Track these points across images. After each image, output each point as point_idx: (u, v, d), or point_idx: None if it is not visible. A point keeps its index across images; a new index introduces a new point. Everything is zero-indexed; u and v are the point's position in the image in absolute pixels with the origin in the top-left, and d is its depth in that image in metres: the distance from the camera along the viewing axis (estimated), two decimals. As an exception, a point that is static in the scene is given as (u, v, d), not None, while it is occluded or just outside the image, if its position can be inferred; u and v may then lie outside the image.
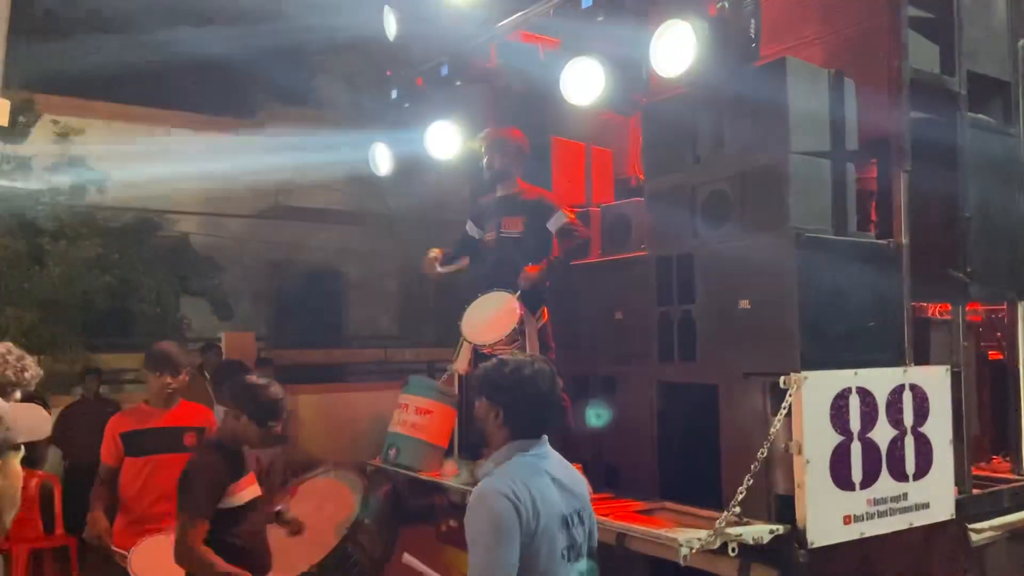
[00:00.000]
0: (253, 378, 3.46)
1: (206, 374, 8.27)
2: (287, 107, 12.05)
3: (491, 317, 4.27)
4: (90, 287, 9.23)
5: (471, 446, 4.85)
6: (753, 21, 3.38)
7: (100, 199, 9.83)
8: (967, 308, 4.48)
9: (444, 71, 4.92)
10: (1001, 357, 4.92)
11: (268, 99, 11.97)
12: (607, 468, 4.60)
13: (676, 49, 3.69)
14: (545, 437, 2.57)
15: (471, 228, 4.72)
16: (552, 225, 4.51)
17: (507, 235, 4.52)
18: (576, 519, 2.51)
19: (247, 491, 3.36)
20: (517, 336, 4.19)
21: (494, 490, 2.37)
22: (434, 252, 4.68)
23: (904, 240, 3.99)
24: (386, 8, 5.16)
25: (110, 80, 11.03)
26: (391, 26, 5.12)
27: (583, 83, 4.09)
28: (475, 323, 4.31)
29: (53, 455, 7.49)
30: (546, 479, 2.47)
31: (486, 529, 2.33)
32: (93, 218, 9.67)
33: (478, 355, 4.41)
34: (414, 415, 4.71)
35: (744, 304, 3.81)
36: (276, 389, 3.36)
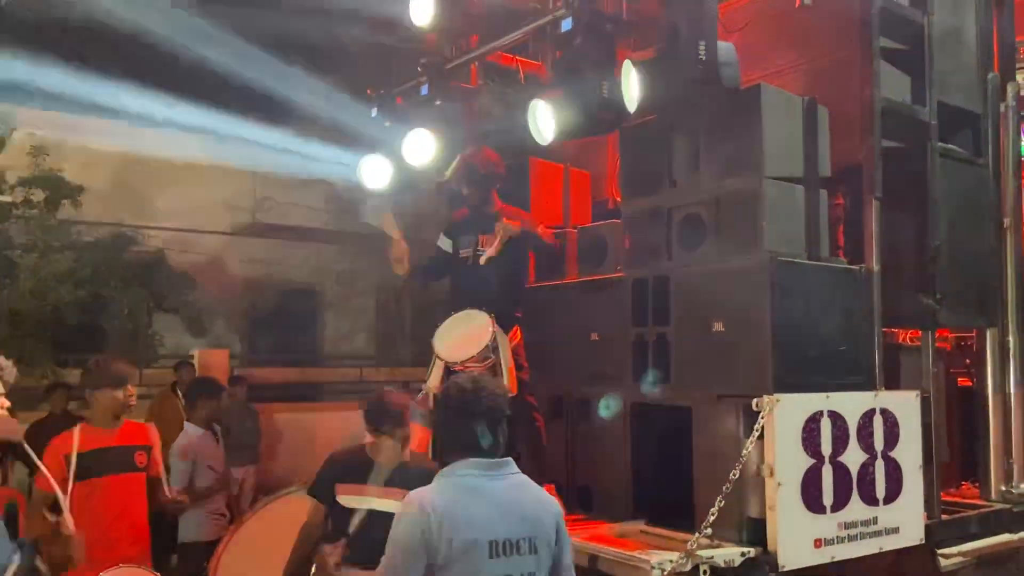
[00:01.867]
0: (387, 393, 3.76)
1: (179, 392, 8.16)
2: (266, 124, 12.01)
3: (463, 335, 4.26)
4: (61, 301, 9.11)
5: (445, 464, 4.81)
6: (702, 44, 3.40)
7: (75, 213, 9.74)
8: (936, 334, 4.55)
9: (424, 90, 4.93)
10: (970, 384, 4.99)
11: (247, 115, 11.93)
12: (581, 489, 4.59)
13: (633, 85, 3.74)
14: (504, 460, 2.52)
15: (443, 243, 4.67)
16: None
17: (484, 253, 4.52)
18: (525, 547, 2.44)
19: (359, 498, 3.54)
20: (490, 354, 4.18)
21: (408, 501, 2.43)
22: (403, 251, 4.61)
23: (875, 266, 4.05)
24: None
25: (88, 93, 10.97)
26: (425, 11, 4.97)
27: (540, 124, 4.16)
28: (447, 341, 4.30)
29: (20, 471, 7.34)
30: (481, 502, 2.42)
31: (392, 538, 2.40)
32: (66, 231, 9.57)
33: (450, 373, 4.39)
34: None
35: (718, 326, 3.84)
36: (396, 396, 3.72)
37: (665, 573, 3.33)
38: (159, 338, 10.67)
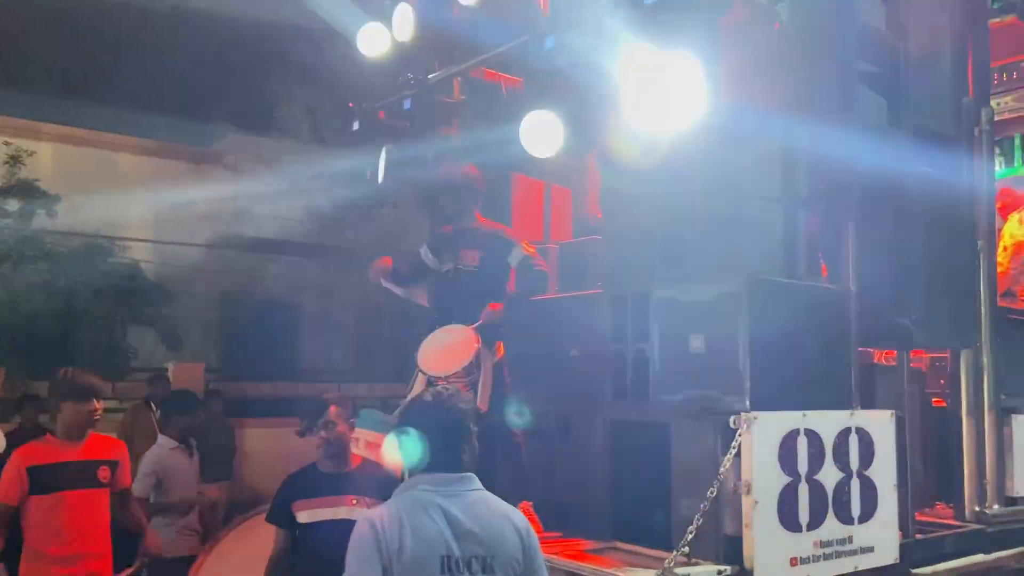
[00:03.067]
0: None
1: (152, 405, 8.07)
2: (247, 136, 11.99)
3: (448, 349, 4.25)
4: (34, 312, 9.00)
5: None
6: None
7: (50, 223, 9.65)
8: (912, 355, 4.59)
9: (407, 105, 4.94)
10: (944, 404, 5.03)
11: (228, 128, 11.91)
12: (559, 506, 4.56)
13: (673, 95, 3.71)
14: (464, 476, 2.51)
15: (426, 255, 4.67)
16: (512, 260, 4.55)
17: (465, 268, 4.53)
18: (477, 566, 2.41)
19: (313, 512, 3.61)
20: (473, 369, 4.18)
21: (363, 517, 2.45)
22: (384, 261, 4.63)
23: (853, 286, 4.09)
24: (399, 7, 5.02)
25: (66, 104, 10.90)
26: (408, 25, 4.98)
27: (543, 136, 4.13)
28: (431, 354, 4.28)
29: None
30: (435, 518, 2.41)
31: (348, 553, 2.40)
32: (40, 242, 9.47)
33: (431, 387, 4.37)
34: (364, 449, 4.64)
35: (697, 344, 3.85)
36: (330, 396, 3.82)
37: (641, 591, 3.32)
38: (133, 350, 10.56)
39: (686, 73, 3.61)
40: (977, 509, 4.68)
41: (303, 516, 3.64)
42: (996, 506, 4.72)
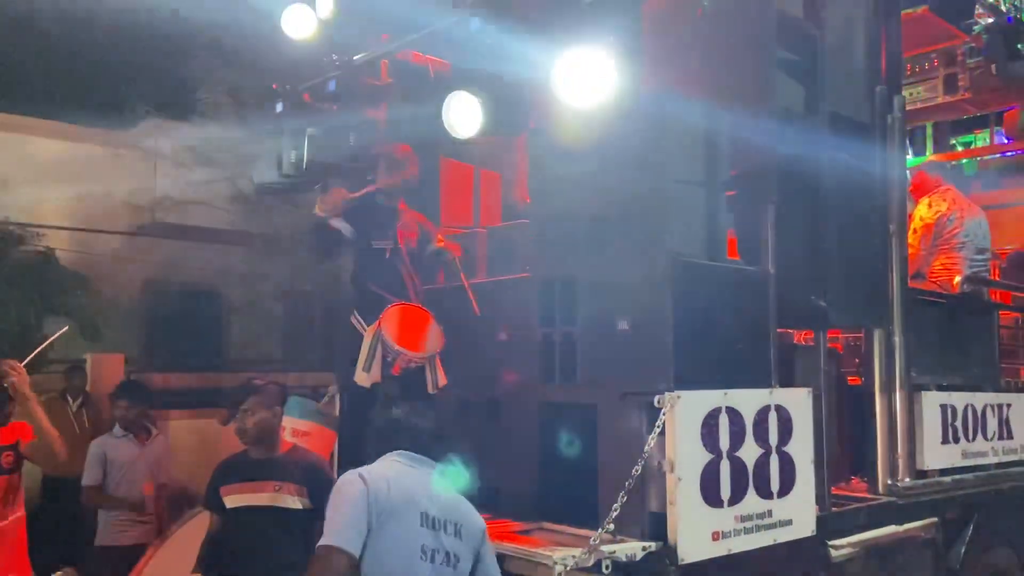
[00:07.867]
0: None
1: (69, 399, 7.82)
2: (168, 120, 11.60)
3: (421, 330, 4.32)
4: (-62, 302, 8.57)
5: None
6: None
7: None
8: (828, 335, 4.74)
9: (332, 86, 4.85)
10: (859, 382, 5.22)
11: (147, 111, 11.49)
12: (488, 489, 4.57)
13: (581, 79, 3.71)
14: (432, 466, 2.74)
15: (341, 224, 4.54)
16: (428, 249, 4.77)
17: (409, 249, 4.61)
18: (451, 529, 2.60)
19: (238, 496, 3.64)
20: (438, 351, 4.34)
21: (346, 474, 2.60)
22: (338, 192, 4.45)
23: (771, 269, 4.20)
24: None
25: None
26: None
27: (463, 117, 4.13)
28: (401, 332, 4.26)
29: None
30: (413, 478, 2.62)
31: (332, 500, 2.52)
32: (-55, 229, 9.01)
33: (387, 365, 4.36)
34: (291, 437, 4.58)
35: (623, 326, 3.90)
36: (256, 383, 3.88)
37: (568, 569, 3.36)
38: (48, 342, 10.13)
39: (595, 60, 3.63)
40: (889, 482, 4.88)
41: (229, 500, 3.66)
42: (907, 479, 4.92)
